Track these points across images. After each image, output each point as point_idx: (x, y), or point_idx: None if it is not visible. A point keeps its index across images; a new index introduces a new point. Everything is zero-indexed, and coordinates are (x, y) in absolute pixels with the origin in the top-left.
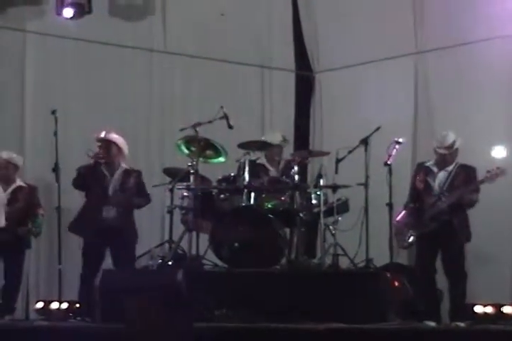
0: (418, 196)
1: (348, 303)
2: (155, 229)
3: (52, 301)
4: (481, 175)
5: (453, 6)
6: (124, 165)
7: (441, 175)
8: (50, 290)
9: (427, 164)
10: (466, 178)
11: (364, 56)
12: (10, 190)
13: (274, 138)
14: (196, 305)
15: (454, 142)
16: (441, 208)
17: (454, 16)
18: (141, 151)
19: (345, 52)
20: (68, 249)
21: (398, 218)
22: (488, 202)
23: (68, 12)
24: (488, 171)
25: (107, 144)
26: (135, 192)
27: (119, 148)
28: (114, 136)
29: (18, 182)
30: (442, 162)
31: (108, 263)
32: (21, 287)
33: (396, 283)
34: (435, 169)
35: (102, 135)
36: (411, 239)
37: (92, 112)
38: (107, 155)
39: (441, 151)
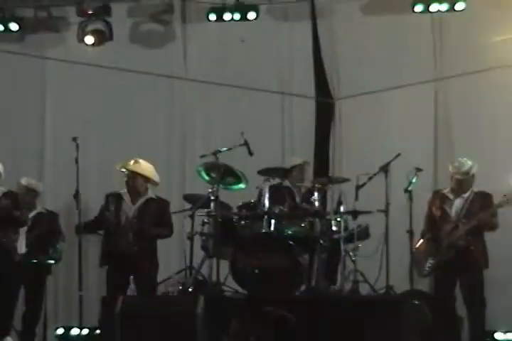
0: (435, 224)
1: (369, 330)
2: (175, 255)
3: (72, 327)
4: (497, 199)
5: (471, 33)
6: (150, 194)
7: (458, 202)
8: (69, 316)
9: (444, 191)
10: (483, 205)
11: (384, 82)
12: (30, 216)
13: (293, 160)
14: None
15: (470, 168)
16: (459, 234)
17: (472, 43)
18: (161, 178)
19: (366, 78)
20: (88, 276)
21: (417, 246)
22: (504, 227)
23: (89, 39)
24: (504, 195)
25: (132, 175)
26: (155, 221)
27: (146, 179)
28: (141, 167)
29: (39, 209)
30: (459, 188)
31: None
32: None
33: (416, 311)
34: (451, 196)
35: (129, 165)
36: (430, 267)
37: (112, 139)
38: (132, 186)
39: (458, 177)
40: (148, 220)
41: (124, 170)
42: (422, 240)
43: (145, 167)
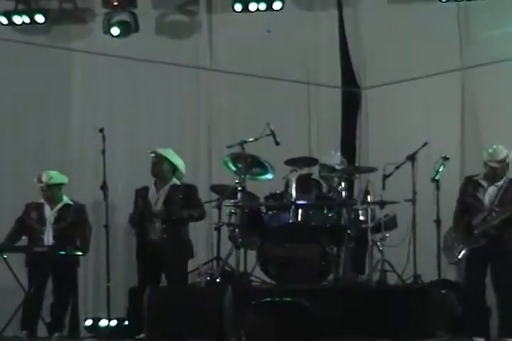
0: (467, 211)
1: (396, 320)
2: (202, 246)
3: (100, 319)
4: None
5: (497, 21)
6: (174, 180)
7: (492, 190)
8: (98, 307)
9: (476, 178)
10: None
11: (410, 72)
12: (56, 208)
13: (331, 159)
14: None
15: (506, 156)
16: (493, 224)
17: (498, 31)
18: (188, 168)
19: (392, 67)
20: (116, 267)
21: (447, 233)
22: None
23: (115, 30)
24: None
25: (159, 159)
26: (183, 206)
27: (172, 165)
28: (169, 152)
29: (65, 200)
30: (493, 176)
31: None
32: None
33: (444, 300)
34: (485, 184)
35: (157, 150)
36: (461, 254)
37: (138, 130)
38: (159, 171)
39: (493, 165)
40: (176, 205)
41: (153, 154)
42: (453, 226)
43: (173, 155)
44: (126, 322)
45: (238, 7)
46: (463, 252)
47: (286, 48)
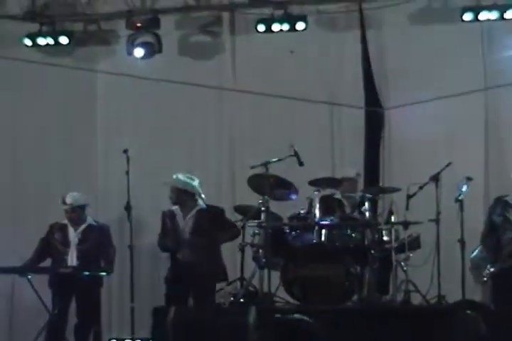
0: (495, 231)
1: (421, 340)
2: (226, 266)
3: (125, 339)
4: None
5: None
6: (200, 204)
7: None
8: (122, 327)
9: (506, 198)
10: None
11: (433, 92)
12: (80, 229)
13: (347, 172)
14: None
15: None
16: None
17: None
18: (211, 189)
19: (415, 88)
20: (140, 287)
21: (475, 253)
22: None
23: (139, 52)
24: None
25: (171, 189)
26: (213, 230)
27: (188, 192)
28: (180, 180)
29: (89, 221)
30: None
31: None
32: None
33: (469, 321)
34: None
35: (170, 181)
36: (488, 274)
37: (162, 150)
38: (177, 200)
39: None
40: (205, 232)
41: (166, 185)
42: (481, 246)
43: (182, 181)
44: None
45: (261, 28)
46: (490, 272)
47: (309, 69)
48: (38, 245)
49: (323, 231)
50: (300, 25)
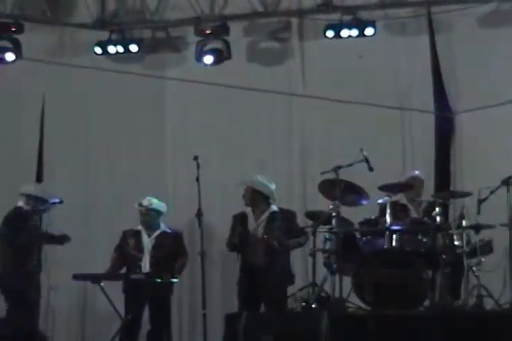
0: None
1: None
2: (298, 272)
3: None
4: None
5: None
6: (273, 207)
7: None
8: (193, 335)
9: None
10: None
11: (504, 95)
12: (154, 236)
13: (414, 173)
14: None
15: None
16: None
17: None
18: (281, 194)
19: (485, 91)
20: (211, 294)
21: None
22: None
23: (208, 58)
24: None
25: (246, 190)
26: (284, 233)
27: (263, 194)
28: (258, 181)
29: (162, 228)
30: None
31: None
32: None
33: None
34: None
35: (247, 181)
36: None
37: (232, 157)
38: (249, 201)
39: None
40: (276, 234)
41: (241, 185)
42: None
43: (260, 183)
44: None
45: (330, 33)
46: None
47: (378, 74)
48: (114, 253)
49: (394, 236)
50: (369, 31)
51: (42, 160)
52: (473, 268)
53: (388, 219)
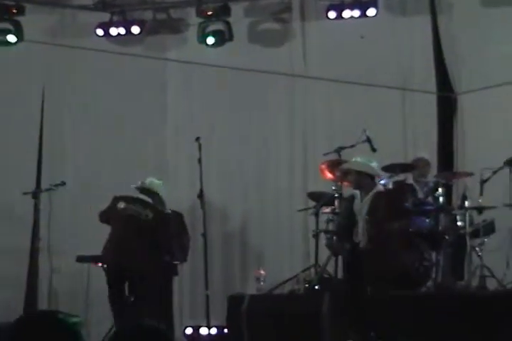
0: None
1: (497, 326)
2: (300, 253)
3: (200, 326)
4: None
5: None
6: (378, 187)
7: None
8: (195, 315)
9: None
10: None
11: (506, 75)
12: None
13: (421, 153)
14: None
15: None
16: None
17: None
18: (284, 176)
19: (487, 71)
20: (213, 275)
21: None
22: None
23: (210, 40)
24: None
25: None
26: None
27: (367, 174)
28: (358, 163)
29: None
30: None
31: None
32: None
33: None
34: None
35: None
36: None
37: (233, 138)
38: (354, 184)
39: None
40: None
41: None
42: None
43: (359, 163)
44: (226, 330)
45: (332, 14)
46: None
47: (380, 54)
48: None
49: None
50: (371, 11)
51: (42, 141)
52: (476, 249)
53: None
